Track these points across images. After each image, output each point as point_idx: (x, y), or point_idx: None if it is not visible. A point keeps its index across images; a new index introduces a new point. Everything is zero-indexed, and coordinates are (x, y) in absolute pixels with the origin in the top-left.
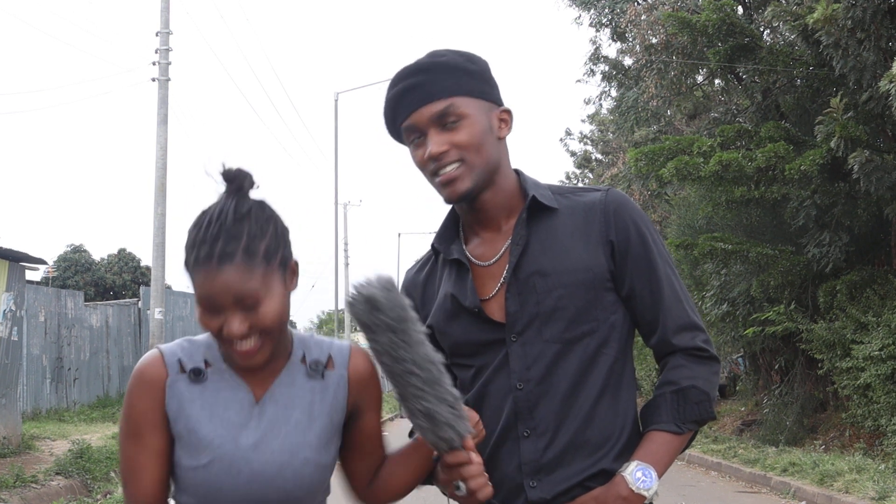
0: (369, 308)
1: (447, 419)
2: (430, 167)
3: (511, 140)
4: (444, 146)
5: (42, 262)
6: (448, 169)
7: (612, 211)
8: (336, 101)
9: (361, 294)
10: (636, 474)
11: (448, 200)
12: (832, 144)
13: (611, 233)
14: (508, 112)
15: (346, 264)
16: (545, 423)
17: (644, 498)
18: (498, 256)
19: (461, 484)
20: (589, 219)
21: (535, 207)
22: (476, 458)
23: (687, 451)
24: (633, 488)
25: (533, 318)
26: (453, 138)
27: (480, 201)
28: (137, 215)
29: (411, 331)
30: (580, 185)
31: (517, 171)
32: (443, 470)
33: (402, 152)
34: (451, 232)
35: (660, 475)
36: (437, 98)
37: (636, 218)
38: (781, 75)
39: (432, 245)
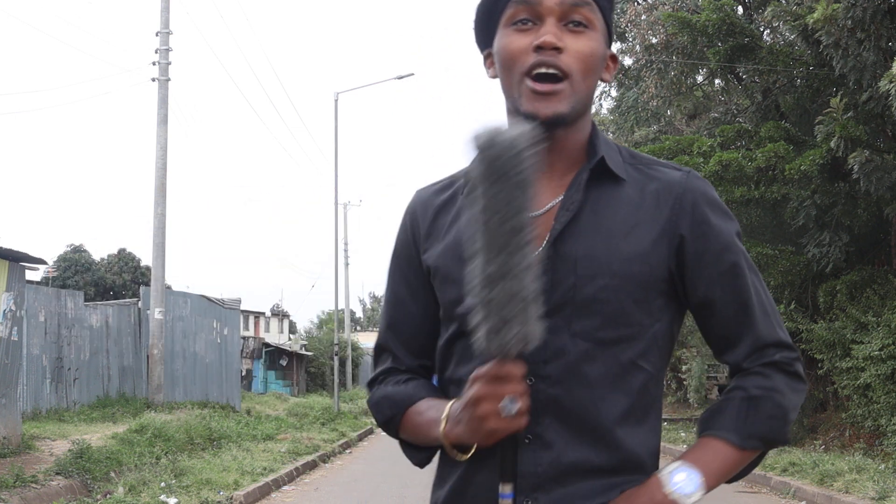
0: (506, 153)
1: (527, 316)
2: (530, 60)
3: None
4: (561, 43)
5: (42, 262)
6: (555, 79)
7: (692, 200)
8: (336, 101)
9: (508, 136)
10: (677, 476)
11: (535, 114)
12: (832, 144)
13: (682, 225)
14: (615, 59)
15: (346, 264)
16: (554, 432)
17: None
18: (542, 212)
19: (514, 403)
20: (660, 202)
21: (600, 171)
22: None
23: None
24: (668, 492)
25: (564, 303)
26: (574, 43)
27: (554, 137)
28: (137, 215)
29: (529, 198)
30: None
31: (593, 125)
32: (488, 383)
33: (403, 153)
34: None
35: (707, 488)
36: None
37: (721, 212)
38: (781, 75)
39: (466, 172)
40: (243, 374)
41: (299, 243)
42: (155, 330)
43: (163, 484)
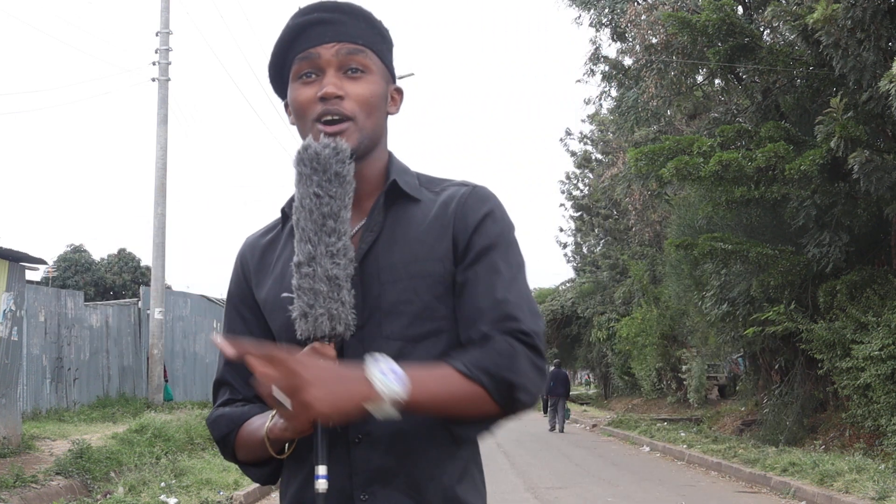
0: (323, 162)
1: (334, 297)
2: (317, 110)
3: (511, 140)
4: (341, 91)
5: (42, 262)
6: (339, 123)
7: (463, 203)
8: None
9: (326, 148)
10: (380, 367)
11: None
12: (832, 144)
13: (458, 226)
14: (400, 91)
15: None
16: (380, 428)
17: (372, 393)
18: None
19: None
20: (444, 210)
21: (396, 194)
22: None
23: (687, 451)
24: (367, 375)
25: (373, 311)
26: (352, 88)
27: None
28: (137, 215)
29: (339, 198)
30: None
31: (390, 154)
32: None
33: (402, 153)
34: None
35: (412, 394)
36: (351, 40)
37: (492, 214)
38: (781, 75)
39: (282, 209)
40: None
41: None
42: (155, 330)
43: (163, 484)
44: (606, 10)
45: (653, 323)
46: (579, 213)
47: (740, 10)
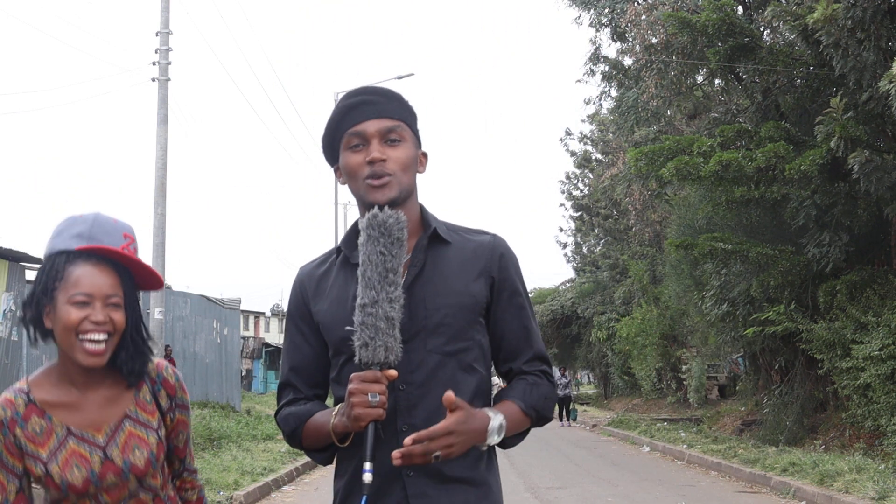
0: (385, 226)
1: (389, 334)
2: (366, 171)
3: (511, 140)
4: (384, 156)
5: (42, 261)
6: (383, 177)
7: (499, 254)
8: (336, 101)
9: (384, 215)
10: (497, 422)
11: (375, 202)
12: (832, 144)
13: (493, 270)
14: (426, 155)
15: None
16: (422, 420)
17: (485, 441)
18: None
19: (375, 397)
20: (478, 255)
21: (434, 238)
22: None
23: (687, 451)
24: (489, 427)
25: (420, 329)
26: (392, 153)
27: None
28: (137, 215)
29: (398, 257)
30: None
31: (421, 206)
32: (359, 382)
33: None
34: (356, 239)
35: (507, 426)
36: (390, 116)
37: (516, 263)
38: (781, 75)
39: (338, 247)
40: (243, 374)
41: (299, 243)
42: (155, 330)
43: None
44: (606, 10)
45: (653, 323)
46: (579, 213)
47: (740, 10)
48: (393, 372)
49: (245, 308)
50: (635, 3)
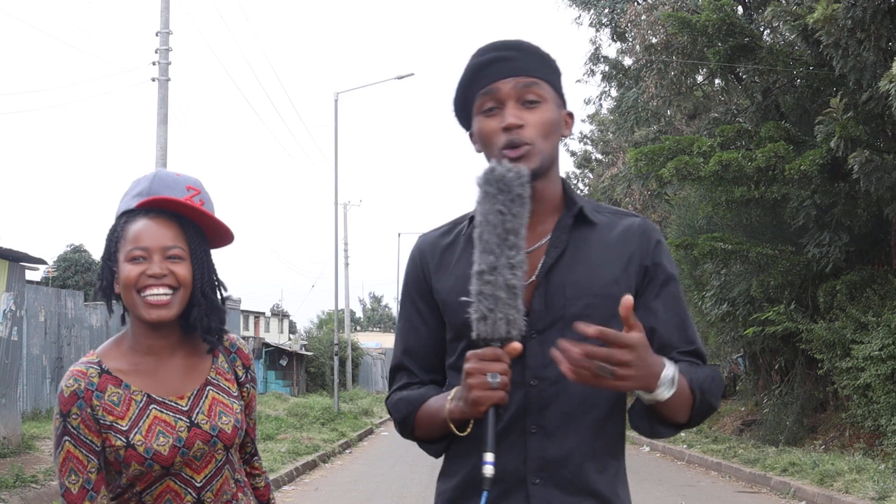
0: (512, 183)
1: (510, 304)
2: (502, 139)
3: None
4: (521, 121)
5: (42, 262)
6: (521, 147)
7: (655, 241)
8: (336, 101)
9: (514, 171)
10: (670, 372)
11: None
12: (832, 144)
13: (646, 258)
14: (571, 115)
15: (346, 264)
16: (555, 422)
17: (654, 388)
18: (531, 250)
19: (496, 378)
20: (627, 239)
21: (579, 218)
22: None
23: (687, 451)
24: (662, 374)
25: (557, 319)
26: (531, 117)
27: (533, 188)
28: None
29: (520, 217)
30: (584, 191)
31: (563, 179)
32: (477, 361)
33: (403, 153)
34: None
35: (678, 384)
36: (526, 74)
37: (667, 250)
38: (781, 75)
39: (471, 215)
40: None
41: (299, 243)
42: None
43: None
44: (606, 11)
45: None
46: None
47: (740, 10)
48: (517, 345)
49: (245, 308)
50: (635, 3)
